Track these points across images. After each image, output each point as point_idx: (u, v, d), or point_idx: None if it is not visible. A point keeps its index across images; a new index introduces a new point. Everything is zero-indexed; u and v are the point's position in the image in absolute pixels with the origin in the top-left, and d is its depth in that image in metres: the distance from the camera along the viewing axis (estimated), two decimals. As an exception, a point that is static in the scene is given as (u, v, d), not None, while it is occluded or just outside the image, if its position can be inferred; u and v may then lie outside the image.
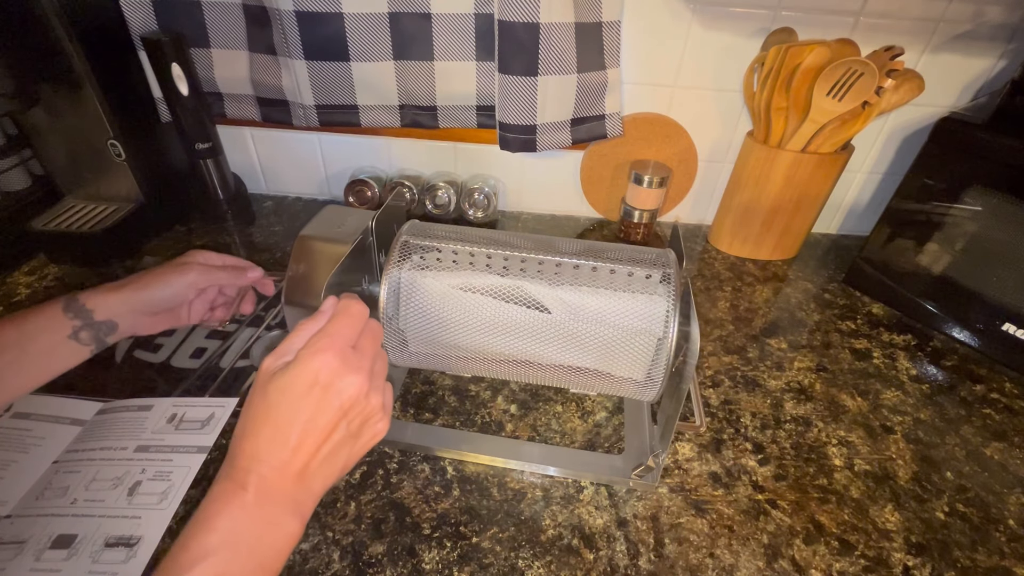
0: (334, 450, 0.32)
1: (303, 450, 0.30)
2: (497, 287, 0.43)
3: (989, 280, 0.61)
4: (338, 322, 0.33)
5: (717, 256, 0.81)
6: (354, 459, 0.34)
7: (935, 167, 0.62)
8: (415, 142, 0.82)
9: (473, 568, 0.41)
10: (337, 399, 0.31)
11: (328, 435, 0.31)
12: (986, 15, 0.66)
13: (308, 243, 0.48)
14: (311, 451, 0.31)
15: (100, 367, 0.56)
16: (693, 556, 0.42)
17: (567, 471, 0.48)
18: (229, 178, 0.80)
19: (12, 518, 0.41)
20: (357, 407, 0.32)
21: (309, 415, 0.30)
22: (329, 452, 0.32)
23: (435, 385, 0.56)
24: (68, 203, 0.73)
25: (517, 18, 0.60)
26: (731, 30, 0.69)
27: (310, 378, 0.30)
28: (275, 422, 0.30)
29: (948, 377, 0.61)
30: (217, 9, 0.68)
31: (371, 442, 0.35)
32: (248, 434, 0.30)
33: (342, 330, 0.33)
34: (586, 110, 0.72)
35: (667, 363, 0.42)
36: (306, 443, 0.30)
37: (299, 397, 0.30)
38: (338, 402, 0.31)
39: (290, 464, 0.30)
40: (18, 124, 0.70)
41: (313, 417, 0.30)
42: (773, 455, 0.51)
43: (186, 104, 0.70)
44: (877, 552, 0.44)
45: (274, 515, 0.30)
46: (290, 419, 0.30)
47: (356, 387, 0.32)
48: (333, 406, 0.31)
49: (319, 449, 0.31)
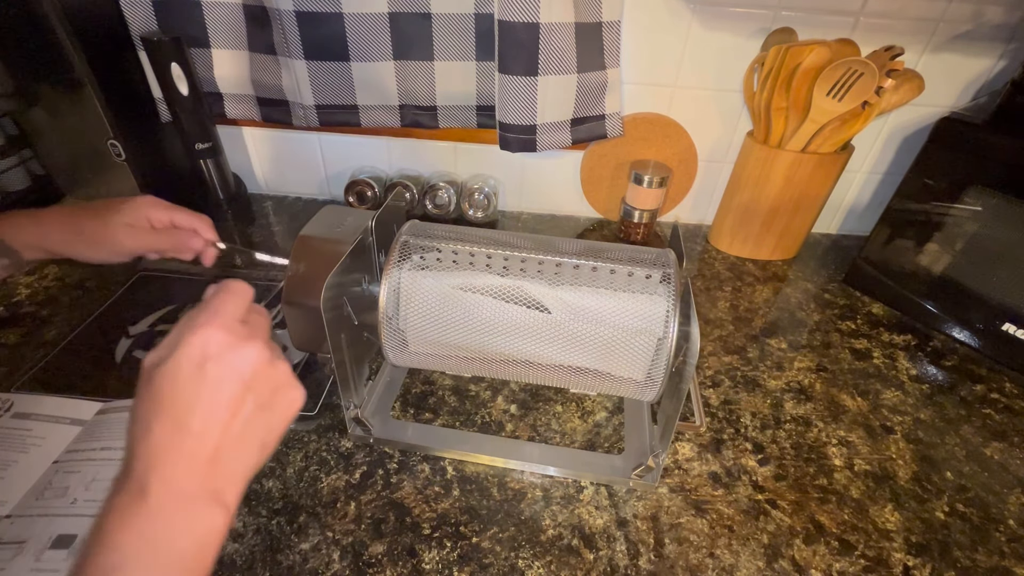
0: (246, 427, 0.28)
1: (209, 433, 0.27)
2: (497, 287, 0.43)
3: (989, 280, 0.61)
4: (219, 298, 0.30)
5: (717, 256, 0.81)
6: (274, 435, 0.31)
7: (935, 167, 0.62)
8: (415, 142, 0.82)
9: (473, 568, 0.41)
10: (235, 371, 0.28)
11: (235, 411, 0.28)
12: (986, 15, 0.66)
13: (308, 243, 0.49)
14: (219, 432, 0.27)
15: (100, 367, 0.56)
16: (693, 556, 0.42)
17: (567, 471, 0.48)
18: (229, 178, 0.80)
19: (12, 518, 0.41)
20: (261, 376, 0.29)
21: (207, 395, 0.27)
22: (241, 430, 0.28)
23: (435, 385, 0.56)
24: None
25: (517, 18, 0.60)
26: (731, 30, 0.69)
27: (198, 355, 0.27)
28: (169, 412, 0.27)
29: (948, 377, 0.61)
30: (217, 9, 0.68)
31: (287, 412, 0.31)
32: (141, 435, 0.27)
33: (224, 305, 0.30)
34: (586, 110, 0.72)
35: (667, 363, 0.42)
36: (211, 425, 0.27)
37: (191, 378, 0.27)
38: (236, 374, 0.28)
39: (197, 453, 0.27)
40: (18, 124, 0.70)
41: (212, 396, 0.27)
42: (773, 455, 0.51)
43: (186, 104, 0.70)
44: (877, 552, 0.44)
45: (188, 513, 0.26)
46: (186, 404, 0.27)
47: (255, 354, 0.29)
48: (232, 377, 0.28)
49: (227, 429, 0.28)
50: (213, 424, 0.27)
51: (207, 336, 0.28)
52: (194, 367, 0.27)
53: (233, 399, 0.28)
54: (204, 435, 0.27)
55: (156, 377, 0.27)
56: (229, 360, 0.28)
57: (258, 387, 0.29)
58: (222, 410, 0.27)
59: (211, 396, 0.27)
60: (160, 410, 0.27)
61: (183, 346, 0.27)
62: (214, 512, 0.27)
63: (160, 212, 0.50)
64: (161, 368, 0.27)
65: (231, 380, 0.28)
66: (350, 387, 0.46)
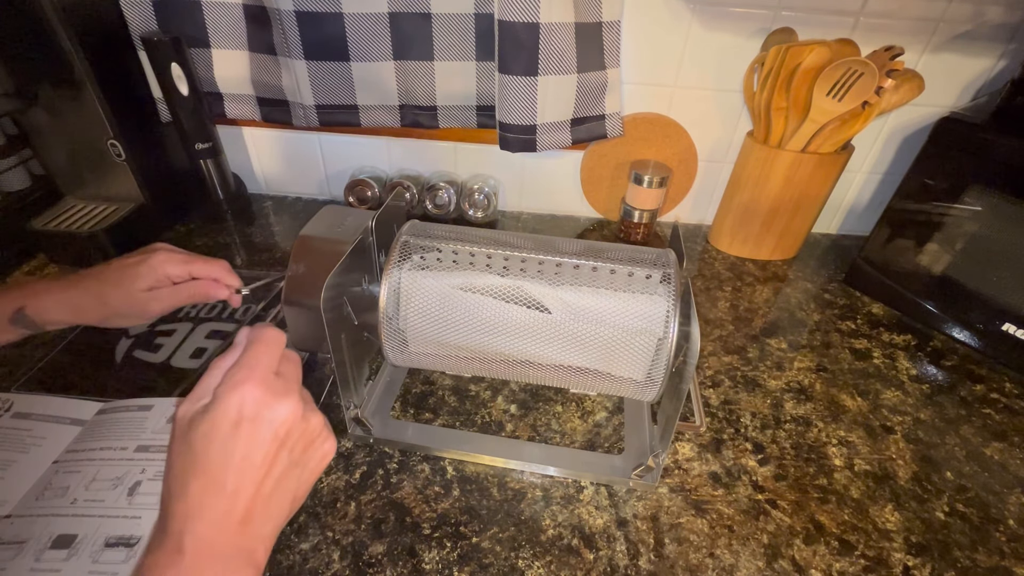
0: (278, 485, 0.29)
1: (243, 494, 0.27)
2: (497, 287, 0.43)
3: (989, 280, 0.61)
4: (253, 351, 0.30)
5: (717, 256, 0.81)
6: (305, 488, 0.31)
7: (935, 167, 0.62)
8: (415, 142, 0.82)
9: (473, 568, 0.41)
10: (269, 429, 0.29)
11: (268, 470, 0.28)
12: (986, 15, 0.66)
13: (308, 243, 0.49)
14: (252, 492, 0.28)
15: (100, 367, 0.56)
16: (693, 556, 0.42)
17: (567, 471, 0.48)
18: (229, 178, 0.80)
19: (12, 518, 0.41)
20: (295, 433, 0.30)
21: (242, 454, 0.28)
22: (273, 488, 0.29)
23: (435, 385, 0.56)
24: (68, 203, 0.73)
25: (517, 18, 0.60)
26: (731, 30, 0.69)
27: (234, 415, 0.28)
28: (205, 471, 0.27)
29: (948, 377, 0.61)
30: (217, 9, 0.68)
31: (320, 465, 0.32)
32: (177, 493, 0.27)
33: (259, 358, 0.30)
34: (586, 110, 0.72)
35: (667, 363, 0.42)
36: (244, 485, 0.28)
37: (227, 437, 0.27)
38: (271, 432, 0.29)
39: (231, 513, 0.27)
40: (18, 124, 0.70)
41: (247, 455, 0.28)
42: (773, 455, 0.51)
43: (186, 104, 0.70)
44: (877, 552, 0.44)
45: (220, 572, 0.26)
46: (221, 463, 0.27)
47: (289, 411, 0.29)
48: (266, 438, 0.28)
49: (260, 488, 0.28)
50: (247, 484, 0.28)
51: (244, 394, 0.28)
52: (230, 427, 0.28)
53: (267, 458, 0.28)
54: (238, 495, 0.27)
55: (192, 434, 0.28)
56: (265, 418, 0.28)
57: (291, 443, 0.29)
58: (256, 469, 0.28)
59: (245, 456, 0.28)
60: (196, 469, 0.27)
61: (220, 404, 0.28)
62: (246, 572, 0.27)
63: (177, 268, 0.49)
64: (198, 426, 0.28)
65: (266, 440, 0.28)
66: (350, 387, 0.46)
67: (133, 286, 0.47)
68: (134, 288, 0.47)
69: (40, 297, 0.45)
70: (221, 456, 0.27)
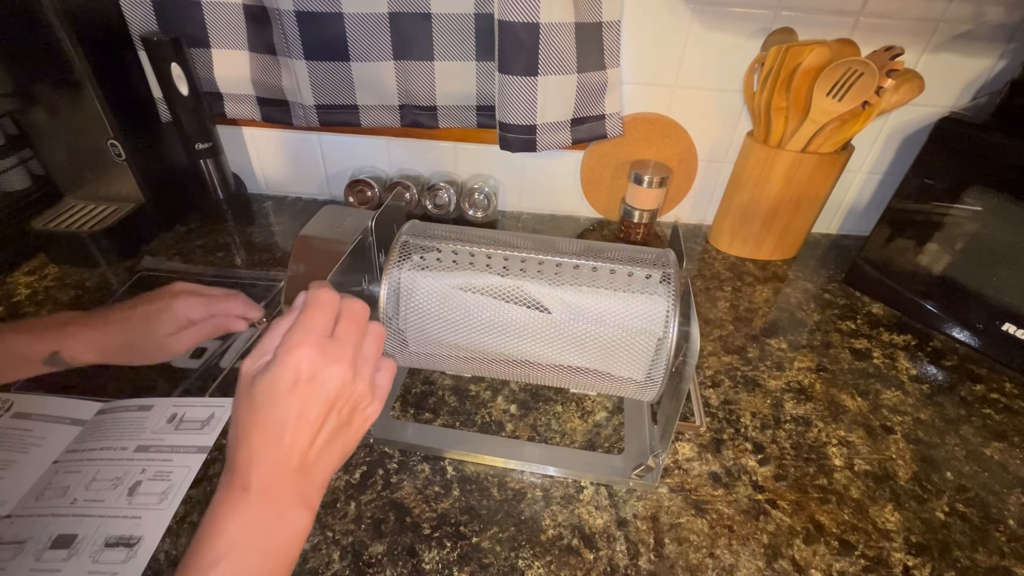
0: (329, 440, 0.32)
1: (298, 445, 0.31)
2: (497, 287, 0.43)
3: (989, 280, 0.61)
4: (309, 313, 0.33)
5: (717, 256, 0.81)
6: (351, 445, 0.35)
7: (935, 167, 0.62)
8: (415, 142, 0.82)
9: (473, 568, 0.41)
10: (322, 390, 0.31)
11: (319, 427, 0.32)
12: (986, 15, 0.66)
13: (308, 243, 0.49)
14: (306, 445, 0.31)
15: (100, 367, 0.55)
16: (693, 556, 0.42)
17: (567, 471, 0.48)
18: (229, 178, 0.80)
19: (12, 518, 0.41)
20: (343, 396, 0.32)
21: (298, 411, 0.31)
22: (324, 443, 0.32)
23: (435, 385, 0.56)
24: (68, 203, 0.73)
25: (517, 18, 0.60)
26: (731, 30, 0.69)
27: (291, 375, 0.31)
28: (265, 424, 0.31)
29: (948, 377, 0.61)
30: (217, 9, 0.68)
31: (363, 427, 0.35)
32: (241, 441, 0.31)
33: (315, 321, 0.32)
34: (586, 110, 0.72)
35: (667, 363, 0.42)
36: (300, 438, 0.31)
37: (284, 395, 0.30)
38: (323, 393, 0.31)
39: (288, 460, 0.31)
40: (18, 124, 0.70)
41: (302, 412, 0.31)
42: (773, 455, 0.51)
43: (186, 104, 0.70)
44: (877, 552, 0.44)
45: (280, 510, 0.31)
46: (279, 418, 0.31)
47: (339, 377, 0.32)
48: (319, 399, 0.31)
49: (313, 442, 0.32)
50: (302, 439, 0.31)
51: (300, 357, 0.31)
52: (287, 387, 0.31)
53: (319, 416, 0.31)
54: (294, 447, 0.31)
55: (254, 389, 0.31)
56: (318, 380, 0.31)
57: (339, 405, 0.32)
58: (309, 427, 0.31)
59: (301, 413, 0.31)
60: (257, 422, 0.31)
61: (278, 365, 0.31)
62: (302, 513, 0.31)
63: (198, 310, 0.50)
64: (259, 383, 0.31)
65: (318, 400, 0.31)
66: (350, 387, 0.46)
67: (156, 333, 0.49)
68: (157, 335, 0.49)
69: (73, 341, 0.47)
70: (279, 413, 0.31)
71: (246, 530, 0.29)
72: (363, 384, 0.34)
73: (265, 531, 0.30)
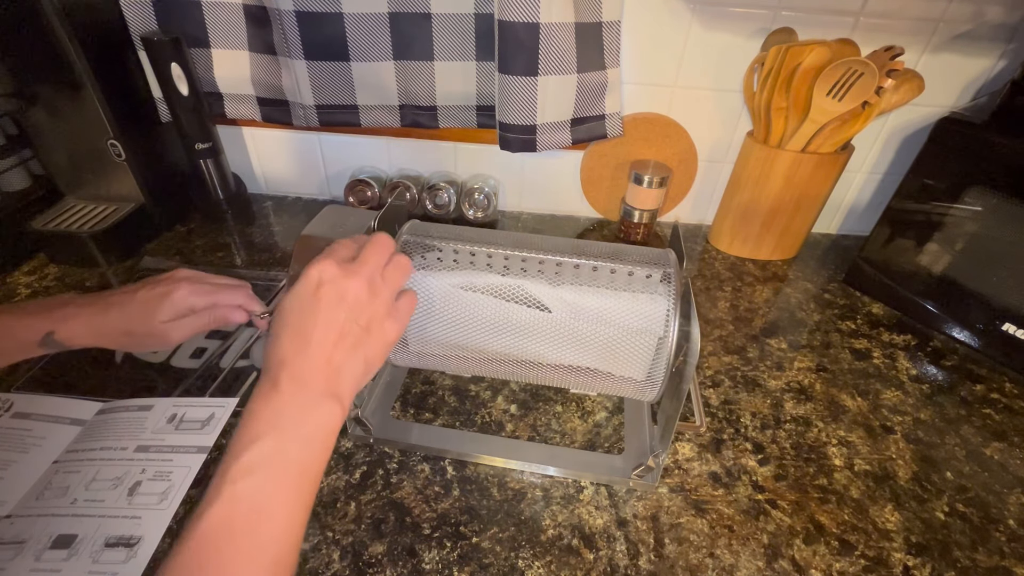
0: (352, 346, 0.35)
1: (324, 344, 0.33)
2: (497, 286, 0.43)
3: (989, 280, 0.61)
4: (335, 244, 0.38)
5: (717, 256, 0.81)
6: (375, 355, 0.37)
7: (935, 167, 0.62)
8: (415, 142, 0.82)
9: (473, 568, 0.41)
10: (341, 299, 0.34)
11: (343, 332, 0.34)
12: (986, 15, 0.66)
13: (310, 243, 0.48)
14: (331, 344, 0.34)
15: (100, 367, 0.56)
16: (693, 556, 0.42)
17: (567, 471, 0.48)
18: (229, 178, 0.80)
19: (12, 518, 0.41)
20: (360, 306, 0.35)
21: (321, 316, 0.34)
22: (348, 348, 0.34)
23: (435, 385, 0.56)
24: (68, 203, 0.73)
25: (517, 18, 0.60)
26: (731, 30, 0.69)
27: (313, 282, 0.34)
28: (293, 327, 0.34)
29: (948, 377, 0.61)
30: (217, 9, 0.68)
31: (384, 342, 0.37)
32: (273, 346, 0.34)
33: (339, 249, 0.37)
34: (586, 110, 0.72)
35: (667, 363, 0.42)
36: (326, 337, 0.34)
37: (308, 300, 0.34)
38: (343, 301, 0.34)
39: (315, 359, 0.33)
40: (18, 124, 0.70)
41: (324, 317, 0.34)
42: (773, 455, 0.51)
43: (186, 104, 0.70)
44: (877, 552, 0.44)
45: (310, 400, 0.33)
46: (304, 320, 0.34)
47: (355, 288, 0.35)
48: (340, 305, 0.34)
49: (338, 344, 0.34)
50: (327, 339, 0.34)
51: (321, 267, 0.35)
52: (311, 291, 0.34)
53: (339, 318, 0.34)
54: (320, 345, 0.33)
55: (283, 304, 0.35)
56: (338, 288, 0.34)
57: (359, 316, 0.35)
58: (332, 326, 0.34)
59: (325, 316, 0.34)
60: (286, 327, 0.34)
61: (303, 278, 0.35)
62: (331, 403, 0.33)
63: (200, 299, 0.50)
64: (288, 297, 0.35)
65: (338, 304, 0.34)
66: (350, 387, 0.46)
67: (155, 319, 0.48)
68: (156, 320, 0.48)
69: (69, 323, 0.47)
70: (304, 315, 0.34)
71: (280, 415, 0.32)
72: (381, 303, 0.36)
73: (297, 417, 0.32)
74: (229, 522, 0.28)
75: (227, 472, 0.29)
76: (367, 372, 0.36)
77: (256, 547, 0.28)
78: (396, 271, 0.39)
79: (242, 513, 0.29)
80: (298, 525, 0.31)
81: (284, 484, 0.30)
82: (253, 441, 0.30)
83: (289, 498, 0.30)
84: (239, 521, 0.28)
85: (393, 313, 0.38)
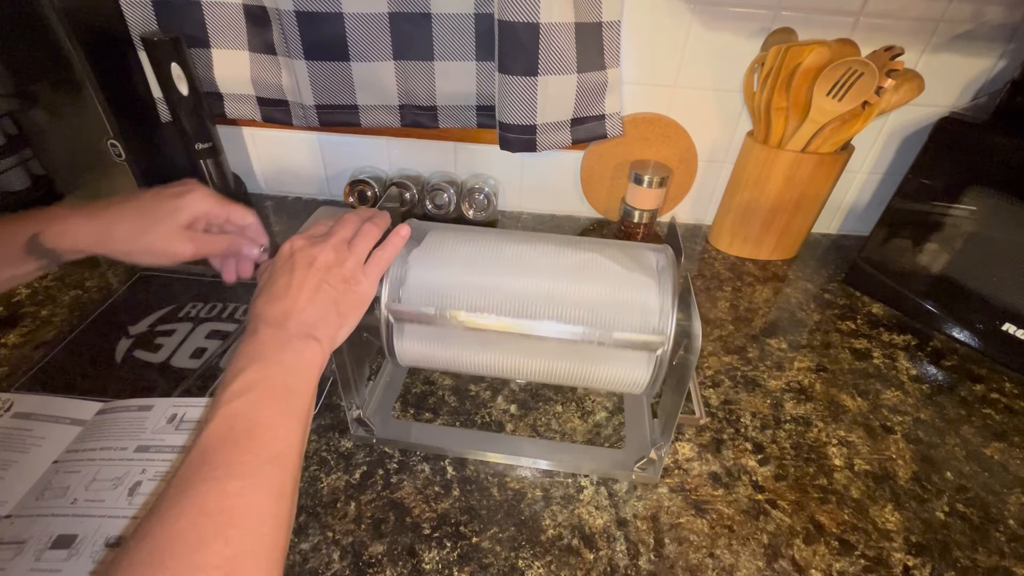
0: (324, 299, 0.37)
1: (297, 298, 0.37)
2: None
3: (989, 280, 0.61)
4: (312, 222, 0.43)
5: (717, 256, 0.81)
6: (349, 309, 0.39)
7: (935, 167, 0.62)
8: (415, 142, 0.82)
9: (473, 568, 0.41)
10: (310, 262, 0.38)
11: (313, 289, 0.37)
12: (986, 15, 0.66)
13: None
14: (304, 298, 0.37)
15: (100, 367, 0.56)
16: (693, 556, 0.42)
17: (569, 466, 0.48)
18: (229, 178, 0.80)
19: (12, 518, 0.41)
20: (327, 267, 0.38)
21: (288, 275, 0.37)
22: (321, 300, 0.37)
23: (435, 385, 0.56)
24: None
25: (517, 18, 0.60)
26: (731, 30, 0.69)
27: (286, 253, 0.39)
28: (267, 289, 0.37)
29: (948, 377, 0.61)
30: (217, 9, 0.68)
31: (355, 298, 0.40)
32: (252, 309, 0.37)
33: (312, 228, 0.42)
34: (586, 110, 0.72)
35: (666, 358, 0.42)
36: (299, 293, 0.37)
37: (279, 267, 0.38)
38: (312, 265, 0.38)
39: (288, 310, 0.36)
40: (18, 124, 0.70)
41: (291, 275, 0.37)
42: (773, 455, 0.51)
43: (186, 104, 0.70)
44: (877, 552, 0.44)
45: (287, 337, 0.35)
46: (277, 282, 0.37)
47: (324, 255, 0.38)
48: (308, 268, 0.37)
49: (310, 299, 0.37)
50: (299, 295, 0.37)
51: (292, 241, 0.40)
52: (283, 260, 0.39)
53: (307, 279, 0.37)
54: (294, 300, 0.37)
55: (261, 276, 0.39)
56: (306, 254, 0.38)
57: (330, 278, 0.38)
58: (299, 284, 0.37)
59: (297, 276, 0.37)
60: (261, 290, 0.38)
61: (279, 252, 0.39)
62: (308, 342, 0.36)
63: (217, 208, 0.46)
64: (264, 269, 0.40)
65: (308, 268, 0.38)
66: (351, 388, 0.46)
67: (172, 219, 0.44)
68: (172, 222, 0.44)
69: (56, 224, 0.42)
70: (275, 278, 0.38)
71: (262, 349, 0.34)
72: (349, 266, 0.39)
73: (277, 349, 0.35)
74: (228, 431, 0.31)
75: (219, 399, 0.32)
76: (342, 322, 0.39)
77: (257, 444, 0.31)
78: (363, 239, 0.41)
79: (239, 424, 0.31)
80: (293, 433, 0.33)
81: (273, 400, 0.33)
82: (238, 374, 0.33)
83: (280, 411, 0.33)
84: (237, 430, 0.31)
85: (362, 272, 0.40)
